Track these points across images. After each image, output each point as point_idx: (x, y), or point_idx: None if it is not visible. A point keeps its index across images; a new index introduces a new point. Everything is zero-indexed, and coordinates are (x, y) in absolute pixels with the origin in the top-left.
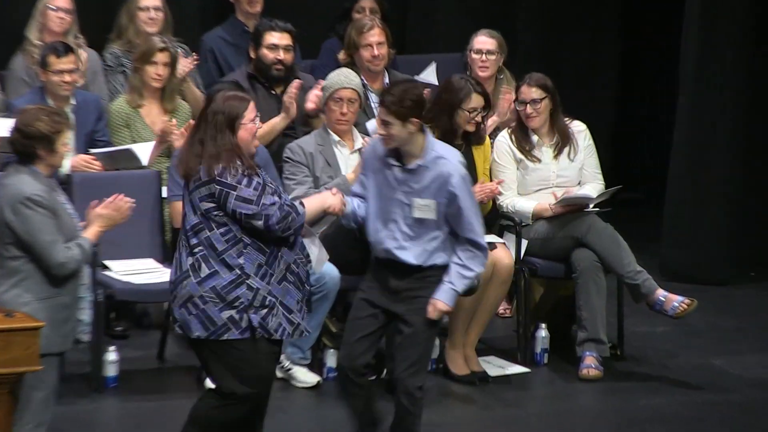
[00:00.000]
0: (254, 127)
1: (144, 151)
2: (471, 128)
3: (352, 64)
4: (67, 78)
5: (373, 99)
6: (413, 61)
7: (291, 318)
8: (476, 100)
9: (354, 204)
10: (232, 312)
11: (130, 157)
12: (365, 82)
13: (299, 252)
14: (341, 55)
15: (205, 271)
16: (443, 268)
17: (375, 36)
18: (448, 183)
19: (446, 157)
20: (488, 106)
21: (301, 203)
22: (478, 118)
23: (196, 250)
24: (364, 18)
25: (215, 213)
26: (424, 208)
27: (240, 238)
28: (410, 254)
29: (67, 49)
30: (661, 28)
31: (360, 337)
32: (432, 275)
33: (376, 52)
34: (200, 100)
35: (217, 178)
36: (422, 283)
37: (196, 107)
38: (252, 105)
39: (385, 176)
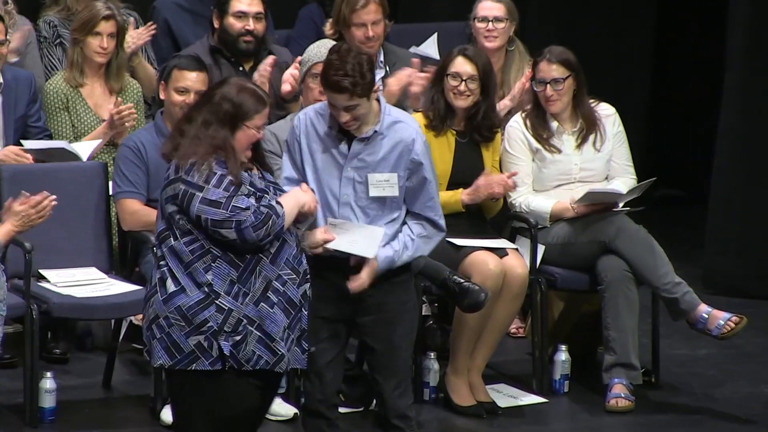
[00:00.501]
0: (255, 136)
1: (84, 148)
2: (458, 101)
3: (341, 38)
4: None
5: None
6: (408, 31)
7: (274, 347)
8: (461, 64)
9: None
10: (200, 338)
11: (66, 154)
12: None
13: (285, 267)
14: (328, 29)
15: (171, 287)
16: (408, 263)
17: (371, 14)
18: (411, 150)
19: (404, 120)
20: (486, 79)
21: (279, 203)
22: (462, 87)
23: (161, 262)
24: None
25: (178, 217)
26: (383, 184)
27: (208, 248)
28: (370, 252)
29: None
30: None
31: (326, 364)
32: (396, 275)
33: (371, 32)
34: (153, 78)
35: (183, 176)
36: (386, 286)
37: (148, 87)
38: (266, 112)
39: (329, 153)
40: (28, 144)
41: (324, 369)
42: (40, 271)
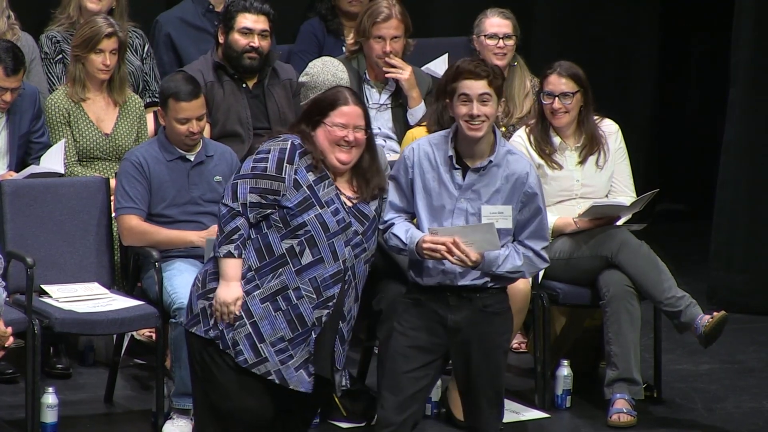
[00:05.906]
0: (338, 135)
1: (54, 159)
2: None
3: (360, 50)
4: (8, 98)
5: (372, 96)
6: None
7: (260, 348)
8: None
9: (404, 229)
10: (206, 304)
11: (45, 174)
12: (366, 76)
13: (308, 284)
14: (349, 41)
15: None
16: (504, 294)
17: (391, 29)
18: (525, 183)
19: (516, 152)
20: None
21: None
22: None
23: None
24: (382, 1)
25: None
26: (497, 215)
27: (249, 230)
28: (475, 274)
29: (17, 67)
30: (711, 2)
31: (413, 394)
32: (491, 305)
33: (388, 47)
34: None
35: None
36: (482, 317)
37: None
38: (347, 111)
39: (443, 183)
40: (6, 181)
41: (409, 399)
42: (42, 286)
